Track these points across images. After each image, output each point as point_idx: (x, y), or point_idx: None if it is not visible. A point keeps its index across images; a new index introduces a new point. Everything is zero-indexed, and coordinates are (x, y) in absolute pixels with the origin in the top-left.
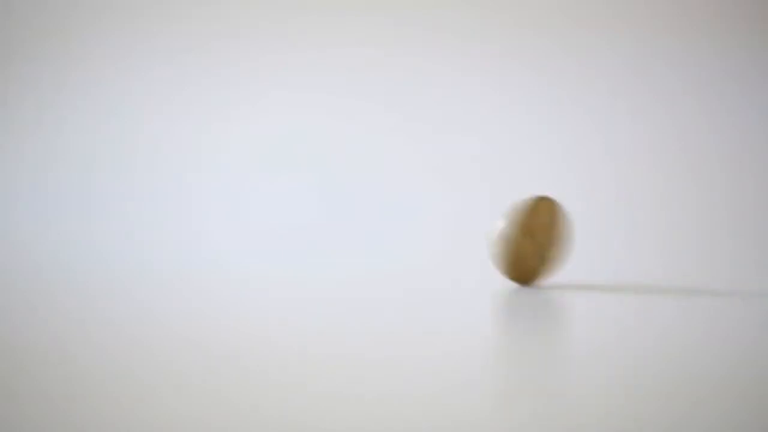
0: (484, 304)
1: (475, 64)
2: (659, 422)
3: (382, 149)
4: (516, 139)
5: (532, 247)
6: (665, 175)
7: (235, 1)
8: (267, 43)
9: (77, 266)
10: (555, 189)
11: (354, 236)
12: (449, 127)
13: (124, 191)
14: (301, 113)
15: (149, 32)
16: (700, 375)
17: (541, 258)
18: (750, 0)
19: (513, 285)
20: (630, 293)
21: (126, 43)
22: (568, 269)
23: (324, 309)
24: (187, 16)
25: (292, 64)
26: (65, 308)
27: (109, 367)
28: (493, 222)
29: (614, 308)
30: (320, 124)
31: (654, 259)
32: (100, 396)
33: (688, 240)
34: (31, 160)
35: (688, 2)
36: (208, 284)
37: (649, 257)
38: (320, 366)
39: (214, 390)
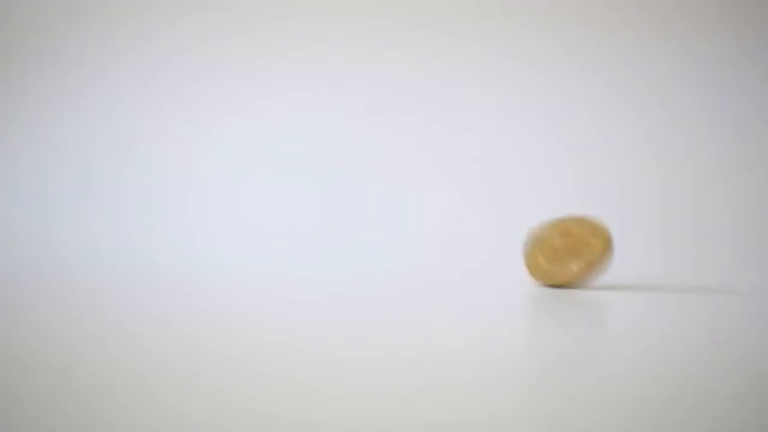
0: (484, 303)
1: (475, 64)
2: (659, 422)
3: (383, 149)
4: (516, 139)
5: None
6: (665, 175)
7: (235, 1)
8: (267, 43)
9: (77, 266)
10: (554, 189)
11: (354, 236)
12: (450, 127)
13: (124, 191)
14: (301, 113)
15: (149, 32)
16: (700, 375)
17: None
18: (750, 0)
19: (533, 284)
20: (630, 292)
21: (126, 43)
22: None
23: (324, 309)
24: (187, 16)
25: (292, 64)
26: (65, 308)
27: (110, 367)
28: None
29: (614, 307)
30: (320, 124)
31: (654, 259)
32: (100, 396)
33: (689, 240)
34: (31, 160)
35: (688, 2)
36: (208, 284)
37: (649, 257)
38: (320, 366)
39: (214, 390)
